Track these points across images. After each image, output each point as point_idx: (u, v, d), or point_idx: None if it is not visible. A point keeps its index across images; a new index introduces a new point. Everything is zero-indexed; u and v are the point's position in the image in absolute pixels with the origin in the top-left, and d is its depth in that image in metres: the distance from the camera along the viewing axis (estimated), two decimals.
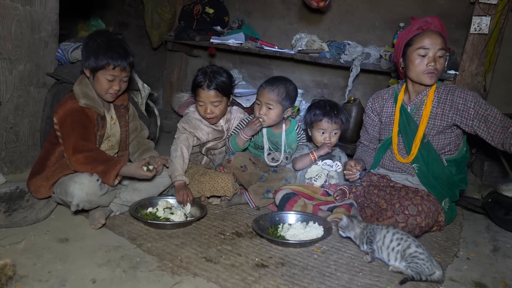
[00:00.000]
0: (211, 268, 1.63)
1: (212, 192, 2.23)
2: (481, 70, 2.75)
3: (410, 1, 3.31)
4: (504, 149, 1.99)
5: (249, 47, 3.51)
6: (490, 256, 1.91)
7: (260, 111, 2.32)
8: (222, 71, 2.38)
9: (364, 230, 1.79)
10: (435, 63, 2.04)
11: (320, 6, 3.23)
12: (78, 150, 1.91)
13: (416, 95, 2.18)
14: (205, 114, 2.37)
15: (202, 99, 2.34)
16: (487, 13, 2.67)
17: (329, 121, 2.26)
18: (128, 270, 1.60)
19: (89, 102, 2.01)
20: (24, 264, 1.58)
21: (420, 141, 2.12)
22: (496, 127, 2.00)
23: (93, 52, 1.99)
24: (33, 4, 2.42)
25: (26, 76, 2.47)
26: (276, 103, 2.30)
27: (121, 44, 2.05)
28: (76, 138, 1.93)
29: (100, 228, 1.92)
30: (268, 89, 2.31)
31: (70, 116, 1.96)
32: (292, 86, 2.38)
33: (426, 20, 2.07)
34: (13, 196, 2.03)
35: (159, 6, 4.03)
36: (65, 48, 2.67)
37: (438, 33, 2.05)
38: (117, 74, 2.03)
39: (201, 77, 2.34)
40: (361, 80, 3.49)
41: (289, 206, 2.13)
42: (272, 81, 2.34)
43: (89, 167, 1.91)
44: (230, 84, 2.40)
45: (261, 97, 2.33)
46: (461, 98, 2.06)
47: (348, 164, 2.15)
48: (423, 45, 2.04)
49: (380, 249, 1.71)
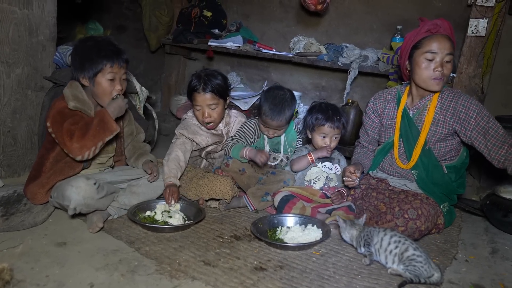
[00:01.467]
0: (210, 272, 1.63)
1: (210, 195, 2.22)
2: (478, 72, 2.76)
3: (408, 4, 3.32)
4: (501, 167, 1.97)
5: (247, 50, 3.51)
6: (489, 258, 1.91)
7: (270, 133, 2.38)
8: (216, 73, 2.36)
9: (361, 233, 1.79)
10: (443, 68, 1.97)
11: (318, 9, 3.24)
12: (72, 132, 1.89)
13: (419, 100, 2.13)
14: (203, 119, 2.35)
15: (199, 103, 2.33)
16: (484, 15, 2.68)
17: (332, 126, 2.26)
18: (126, 274, 1.59)
19: (78, 104, 1.99)
20: (21, 269, 1.57)
21: (421, 148, 2.08)
22: (496, 142, 1.96)
23: (87, 58, 1.97)
24: (30, 7, 2.42)
25: (24, 79, 2.47)
26: (285, 125, 2.36)
27: (111, 43, 2.04)
28: (68, 126, 1.90)
29: (98, 232, 1.91)
30: (276, 118, 2.29)
31: (59, 113, 1.95)
32: (289, 97, 2.35)
33: (435, 22, 2.00)
34: (11, 200, 2.02)
35: (157, 9, 4.03)
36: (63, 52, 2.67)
37: (447, 37, 1.99)
38: (116, 71, 2.01)
39: (195, 81, 2.32)
40: (359, 82, 3.49)
41: (288, 208, 2.13)
42: (276, 109, 2.29)
43: (88, 137, 1.88)
44: (226, 86, 2.38)
45: (270, 126, 2.34)
46: (464, 107, 2.01)
47: (348, 171, 2.12)
48: (431, 49, 1.98)
49: (378, 251, 1.71)
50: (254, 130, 2.45)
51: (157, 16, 4.04)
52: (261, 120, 2.36)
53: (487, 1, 2.65)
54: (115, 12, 4.07)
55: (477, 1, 2.68)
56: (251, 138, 2.44)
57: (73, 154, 1.91)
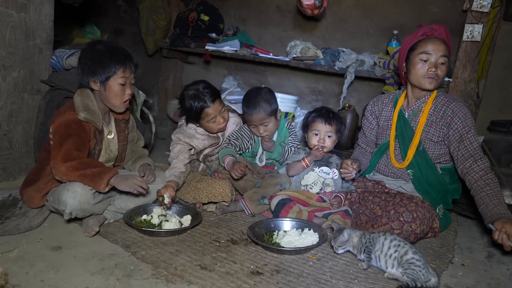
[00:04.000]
0: (206, 276, 1.62)
1: (209, 199, 2.22)
2: (474, 77, 2.78)
3: (404, 9, 3.35)
4: (464, 179, 2.03)
5: (244, 54, 3.52)
6: (485, 262, 1.92)
7: (259, 132, 2.39)
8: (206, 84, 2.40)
9: (361, 239, 1.78)
10: (436, 69, 2.06)
11: (315, 13, 3.26)
12: (71, 157, 1.84)
13: (415, 101, 2.19)
14: (217, 126, 2.39)
15: (212, 112, 2.34)
16: (479, 21, 2.70)
17: (323, 121, 2.28)
18: (122, 278, 1.58)
19: (88, 116, 1.95)
20: (16, 273, 1.56)
21: (416, 148, 2.13)
22: (465, 153, 2.01)
23: (99, 62, 1.94)
24: (27, 11, 2.42)
25: (20, 82, 2.46)
26: (268, 117, 2.37)
27: (122, 47, 2.03)
28: (70, 147, 1.86)
29: (94, 236, 1.90)
30: (254, 112, 2.35)
31: (66, 126, 1.91)
32: (264, 91, 2.41)
33: (431, 27, 2.10)
34: (6, 203, 2.01)
35: (155, 13, 4.04)
36: (60, 55, 2.66)
37: (442, 40, 2.07)
38: (128, 76, 2.00)
39: (196, 102, 2.32)
40: (356, 87, 3.51)
41: (285, 212, 2.13)
42: (251, 104, 2.36)
43: (78, 173, 1.82)
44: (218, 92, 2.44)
45: (253, 122, 2.39)
46: (452, 112, 2.06)
47: (345, 163, 2.16)
48: (425, 50, 2.06)
49: (379, 258, 1.70)
50: (251, 134, 2.48)
51: (154, 20, 4.05)
52: (247, 122, 2.43)
53: (482, 7, 2.68)
54: (112, 15, 4.07)
55: (472, 7, 2.70)
56: (247, 142, 2.47)
57: (55, 171, 1.85)
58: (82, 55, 2.01)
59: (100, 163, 1.98)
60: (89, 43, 2.08)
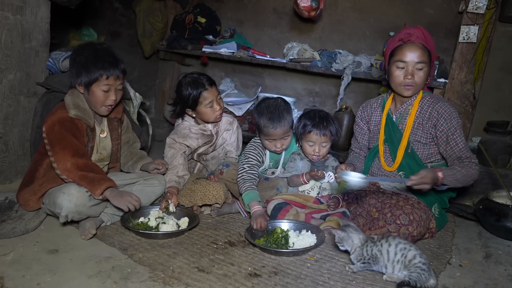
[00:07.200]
0: (204, 278, 1.62)
1: (204, 201, 2.22)
2: (470, 78, 2.80)
3: (400, 11, 3.36)
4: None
5: (241, 56, 3.52)
6: (483, 263, 1.92)
7: (276, 146, 2.28)
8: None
9: (363, 248, 1.70)
10: (413, 76, 2.05)
11: (311, 15, 3.26)
12: (79, 153, 1.89)
13: (401, 104, 2.20)
14: (213, 114, 2.40)
15: (209, 95, 2.36)
16: (475, 22, 2.72)
17: (318, 133, 2.21)
18: (119, 281, 1.57)
19: (79, 113, 1.98)
20: (12, 277, 1.55)
21: (404, 150, 2.14)
22: (452, 154, 2.04)
23: (83, 67, 1.96)
24: (24, 13, 2.41)
25: (16, 85, 2.45)
26: (290, 129, 2.29)
27: (110, 53, 2.03)
28: (75, 142, 1.90)
29: (90, 239, 1.89)
30: (279, 125, 2.21)
31: (59, 124, 1.93)
32: (281, 101, 2.30)
33: (408, 32, 2.07)
34: (2, 206, 2.00)
35: (151, 16, 4.04)
36: (56, 57, 2.65)
37: (420, 45, 2.04)
38: (112, 83, 2.00)
39: (194, 86, 2.35)
40: (353, 88, 3.52)
41: (281, 216, 2.12)
42: (275, 116, 2.22)
43: (80, 173, 1.85)
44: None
45: (273, 136, 2.24)
46: (438, 113, 2.07)
47: (339, 168, 2.15)
48: (400, 58, 2.06)
49: (385, 266, 1.66)
50: (261, 150, 2.37)
51: (151, 22, 4.04)
52: (264, 136, 2.27)
53: (478, 8, 2.69)
54: (109, 18, 4.06)
55: (468, 8, 2.72)
56: (259, 160, 2.35)
57: (59, 165, 1.86)
58: (71, 57, 2.05)
59: (103, 171, 2.01)
60: (79, 45, 2.11)
